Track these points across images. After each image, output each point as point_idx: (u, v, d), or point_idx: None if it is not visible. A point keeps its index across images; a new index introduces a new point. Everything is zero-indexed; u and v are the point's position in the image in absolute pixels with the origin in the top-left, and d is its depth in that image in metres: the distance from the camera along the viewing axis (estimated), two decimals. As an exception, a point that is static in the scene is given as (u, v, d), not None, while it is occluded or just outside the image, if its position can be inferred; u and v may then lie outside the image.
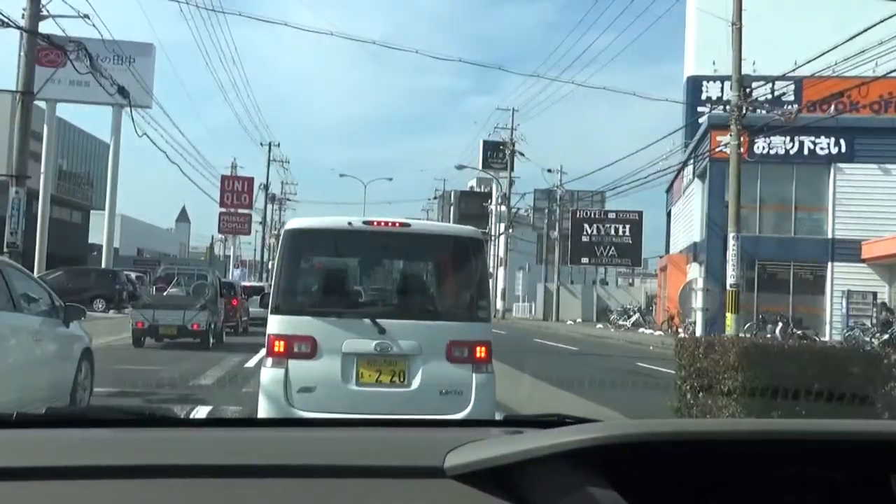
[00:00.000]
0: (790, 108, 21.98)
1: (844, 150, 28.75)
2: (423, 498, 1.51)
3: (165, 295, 19.41)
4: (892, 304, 27.19)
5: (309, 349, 5.96)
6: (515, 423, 2.05)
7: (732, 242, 18.88)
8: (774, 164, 28.71)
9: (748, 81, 19.62)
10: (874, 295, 27.31)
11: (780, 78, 22.67)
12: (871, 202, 28.13)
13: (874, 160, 28.77)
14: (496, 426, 2.19)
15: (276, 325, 6.06)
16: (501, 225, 53.55)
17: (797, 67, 20.26)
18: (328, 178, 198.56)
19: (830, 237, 28.77)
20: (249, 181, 54.45)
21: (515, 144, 51.06)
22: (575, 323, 42.23)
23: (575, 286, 49.66)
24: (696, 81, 37.12)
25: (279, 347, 5.99)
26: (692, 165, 33.11)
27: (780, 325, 25.43)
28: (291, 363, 5.94)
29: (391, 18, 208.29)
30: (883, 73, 18.02)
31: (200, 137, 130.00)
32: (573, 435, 1.55)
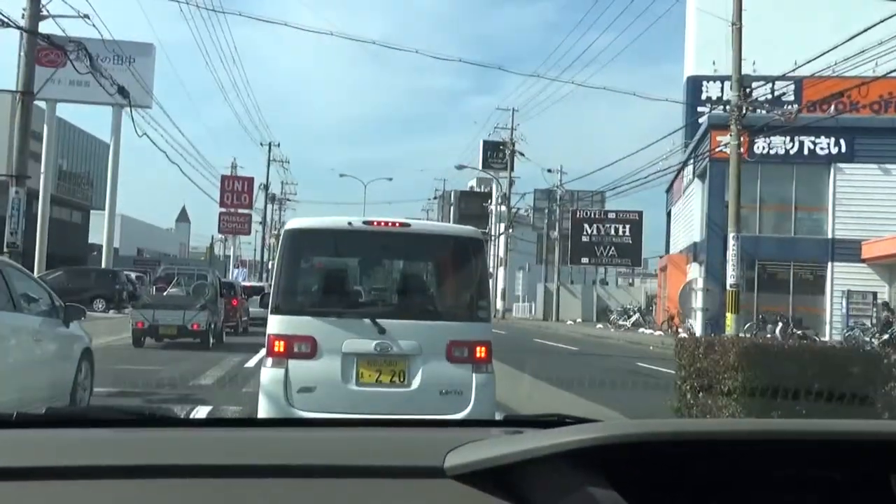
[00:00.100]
0: (790, 108, 21.98)
1: (844, 150, 28.75)
2: (423, 498, 1.51)
3: (165, 295, 19.41)
4: (893, 303, 27.18)
5: (309, 349, 5.96)
6: (515, 423, 2.05)
7: (732, 242, 18.88)
8: (774, 164, 28.70)
9: (748, 81, 19.62)
10: (874, 295, 27.31)
11: (780, 78, 22.67)
12: (871, 202, 28.12)
13: (874, 160, 28.77)
14: (496, 426, 2.19)
15: (276, 325, 6.06)
16: (501, 225, 53.54)
17: (797, 67, 20.27)
18: (328, 178, 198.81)
19: (830, 237, 28.77)
20: (249, 181, 54.48)
21: (515, 144, 51.09)
22: (575, 323, 42.23)
23: (575, 286, 49.66)
24: (696, 81, 37.12)
25: (279, 347, 5.99)
26: (692, 165, 33.10)
27: (780, 325, 25.42)
28: (291, 363, 5.93)
29: (391, 18, 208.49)
30: (883, 73, 18.02)
31: (200, 137, 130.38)
32: (573, 435, 1.55)
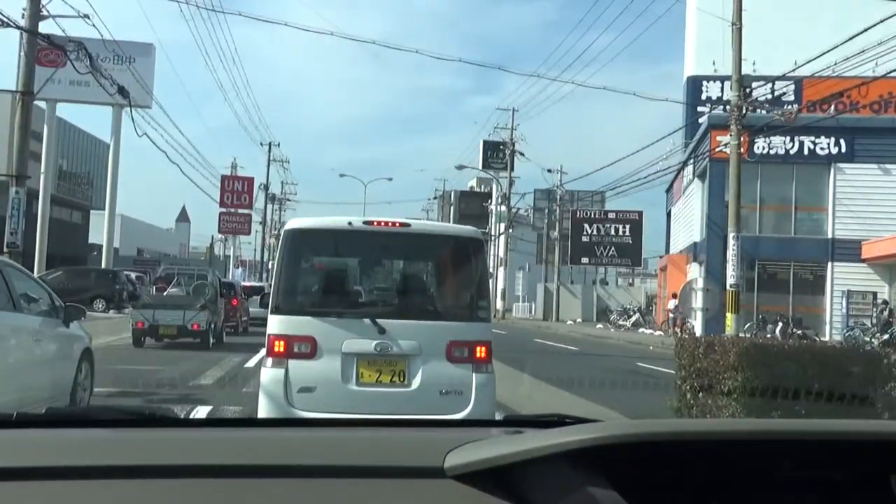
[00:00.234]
0: (790, 108, 21.96)
1: (844, 150, 28.76)
2: (423, 498, 1.51)
3: (165, 295, 19.42)
4: (892, 303, 27.18)
5: (309, 349, 5.96)
6: (515, 423, 2.05)
7: (732, 242, 18.87)
8: (774, 164, 28.71)
9: (748, 81, 19.60)
10: (874, 295, 27.31)
11: (780, 78, 22.66)
12: (871, 202, 28.13)
13: (874, 160, 28.77)
14: (496, 426, 2.19)
15: (276, 325, 6.06)
16: (501, 225, 53.50)
17: (797, 67, 20.26)
18: (328, 178, 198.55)
19: (830, 237, 28.78)
20: (249, 181, 54.44)
21: (515, 144, 51.05)
22: (575, 323, 42.22)
23: (575, 286, 49.65)
24: (696, 81, 37.14)
25: (279, 347, 5.99)
26: (692, 165, 33.10)
27: (780, 325, 25.44)
28: (291, 363, 5.93)
29: (391, 18, 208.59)
30: (883, 73, 18.02)
31: (200, 137, 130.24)
32: (573, 435, 1.55)
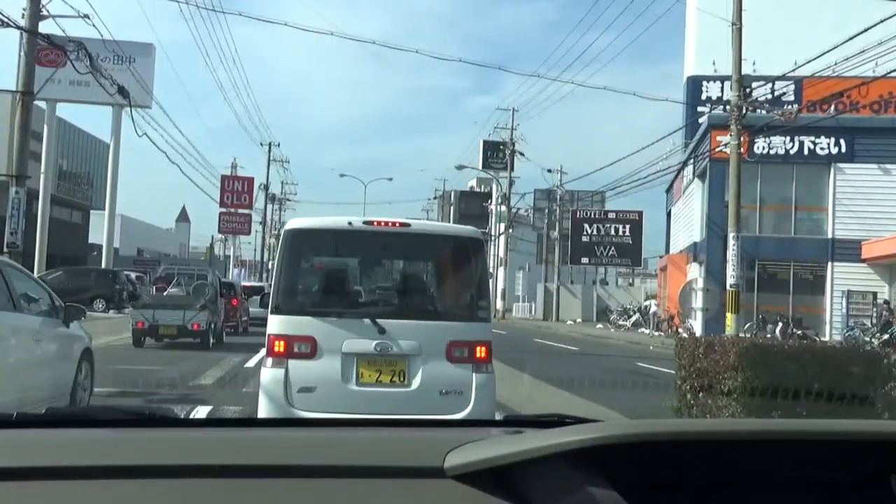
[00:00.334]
0: (790, 108, 21.96)
1: (844, 150, 28.75)
2: (423, 498, 1.51)
3: (165, 295, 19.42)
4: (892, 303, 27.17)
5: (309, 349, 5.96)
6: (515, 423, 2.05)
7: (732, 242, 18.87)
8: (774, 164, 28.70)
9: (748, 81, 19.59)
10: (874, 295, 27.30)
11: (780, 78, 22.66)
12: (871, 202, 28.12)
13: (874, 160, 28.77)
14: (496, 426, 2.19)
15: (276, 325, 6.06)
16: (501, 225, 53.49)
17: (797, 67, 20.26)
18: (328, 178, 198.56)
19: (830, 237, 28.77)
20: (249, 181, 54.44)
21: (515, 144, 51.03)
22: (575, 323, 42.21)
23: (575, 286, 49.63)
24: (696, 81, 37.13)
25: (279, 347, 5.99)
26: (692, 165, 33.10)
27: (780, 325, 25.43)
28: (291, 363, 5.93)
29: (391, 18, 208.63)
30: (883, 73, 18.02)
31: (200, 137, 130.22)
32: (573, 435, 1.55)
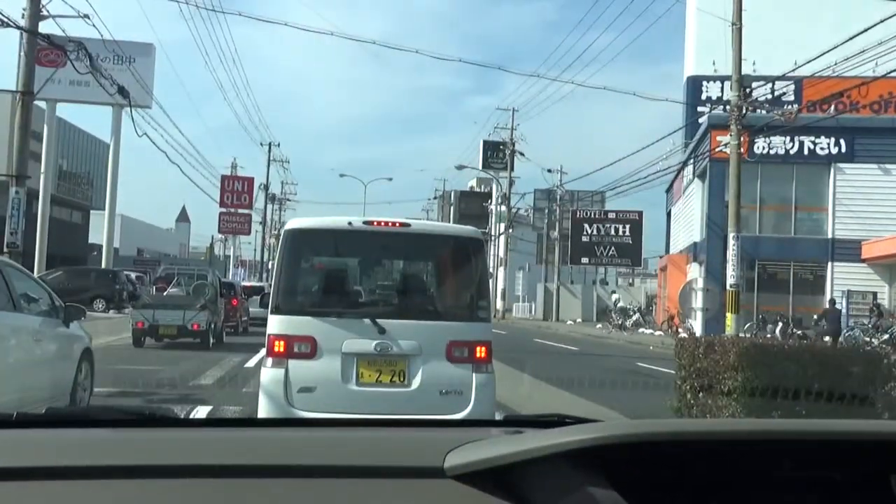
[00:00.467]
0: (790, 108, 21.96)
1: (844, 150, 28.76)
2: (423, 498, 1.51)
3: (165, 295, 19.41)
4: (892, 303, 27.18)
5: (309, 349, 5.96)
6: (515, 423, 2.05)
7: (732, 242, 18.87)
8: (774, 164, 28.71)
9: (748, 81, 19.59)
10: (874, 295, 27.31)
11: (780, 78, 22.66)
12: (871, 202, 28.12)
13: (874, 160, 28.77)
14: (496, 426, 2.19)
15: (276, 325, 6.06)
16: (501, 225, 53.50)
17: (797, 67, 20.26)
18: (328, 178, 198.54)
19: (830, 237, 28.77)
20: (249, 181, 54.45)
21: (515, 144, 51.05)
22: (575, 323, 42.22)
23: (575, 286, 49.65)
24: (696, 81, 37.13)
25: (279, 347, 5.99)
26: (692, 165, 33.10)
27: (780, 325, 25.44)
28: (291, 363, 5.93)
29: (391, 18, 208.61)
30: (883, 73, 18.02)
31: (200, 137, 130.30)
32: (573, 435, 1.55)
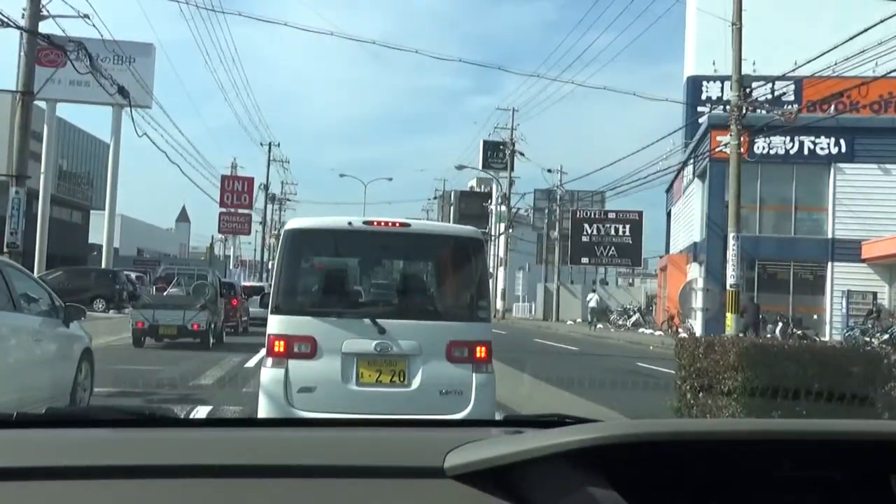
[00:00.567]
0: (790, 108, 21.96)
1: (844, 150, 28.75)
2: (423, 498, 1.51)
3: (165, 295, 19.42)
4: (892, 303, 27.18)
5: (309, 349, 5.96)
6: (515, 423, 2.05)
7: (732, 242, 18.87)
8: (774, 164, 28.70)
9: (748, 81, 19.59)
10: (874, 295, 27.31)
11: (780, 78, 22.66)
12: (871, 202, 28.12)
13: (874, 160, 28.76)
14: (496, 426, 2.19)
15: (276, 325, 6.06)
16: (501, 225, 53.50)
17: (797, 67, 20.26)
18: (328, 178, 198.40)
19: (830, 237, 28.77)
20: (249, 181, 54.47)
21: (515, 144, 51.05)
22: (575, 323, 42.21)
23: (575, 286, 49.61)
24: (696, 81, 37.13)
25: (279, 347, 5.99)
26: (692, 165, 33.10)
27: (780, 325, 25.44)
28: (291, 363, 5.93)
29: (391, 18, 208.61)
30: (883, 73, 18.02)
31: (200, 137, 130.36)
32: (573, 435, 1.55)
